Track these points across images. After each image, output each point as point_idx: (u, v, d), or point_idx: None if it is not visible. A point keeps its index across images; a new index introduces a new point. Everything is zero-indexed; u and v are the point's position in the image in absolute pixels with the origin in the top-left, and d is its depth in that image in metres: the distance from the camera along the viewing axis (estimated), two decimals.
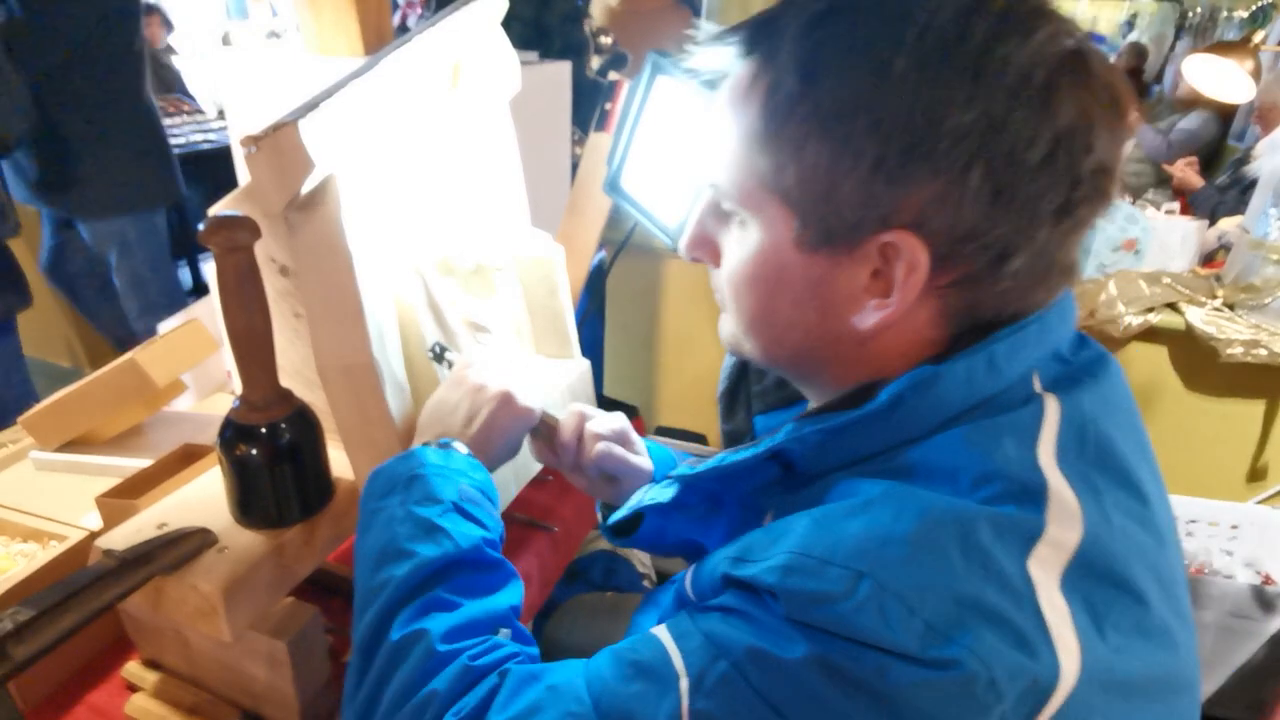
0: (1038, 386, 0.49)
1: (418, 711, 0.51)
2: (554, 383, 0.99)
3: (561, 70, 1.84)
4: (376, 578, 0.58)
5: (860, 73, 0.44)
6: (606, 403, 1.33)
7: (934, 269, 0.46)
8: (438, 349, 0.82)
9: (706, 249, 0.58)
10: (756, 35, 0.49)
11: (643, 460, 0.77)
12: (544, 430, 0.77)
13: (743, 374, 1.58)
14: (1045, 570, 0.42)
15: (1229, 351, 1.82)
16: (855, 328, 0.50)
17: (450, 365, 0.81)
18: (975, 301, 0.48)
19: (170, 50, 4.74)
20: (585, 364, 1.06)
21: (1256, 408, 1.97)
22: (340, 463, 0.80)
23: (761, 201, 0.50)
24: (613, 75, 1.32)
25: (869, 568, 0.40)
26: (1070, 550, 0.43)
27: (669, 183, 1.07)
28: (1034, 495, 0.44)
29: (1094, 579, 0.43)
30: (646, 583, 1.49)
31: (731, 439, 1.52)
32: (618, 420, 0.78)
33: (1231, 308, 1.92)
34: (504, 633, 0.58)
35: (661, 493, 0.61)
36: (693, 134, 1.01)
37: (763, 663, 0.41)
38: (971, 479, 0.44)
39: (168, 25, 4.68)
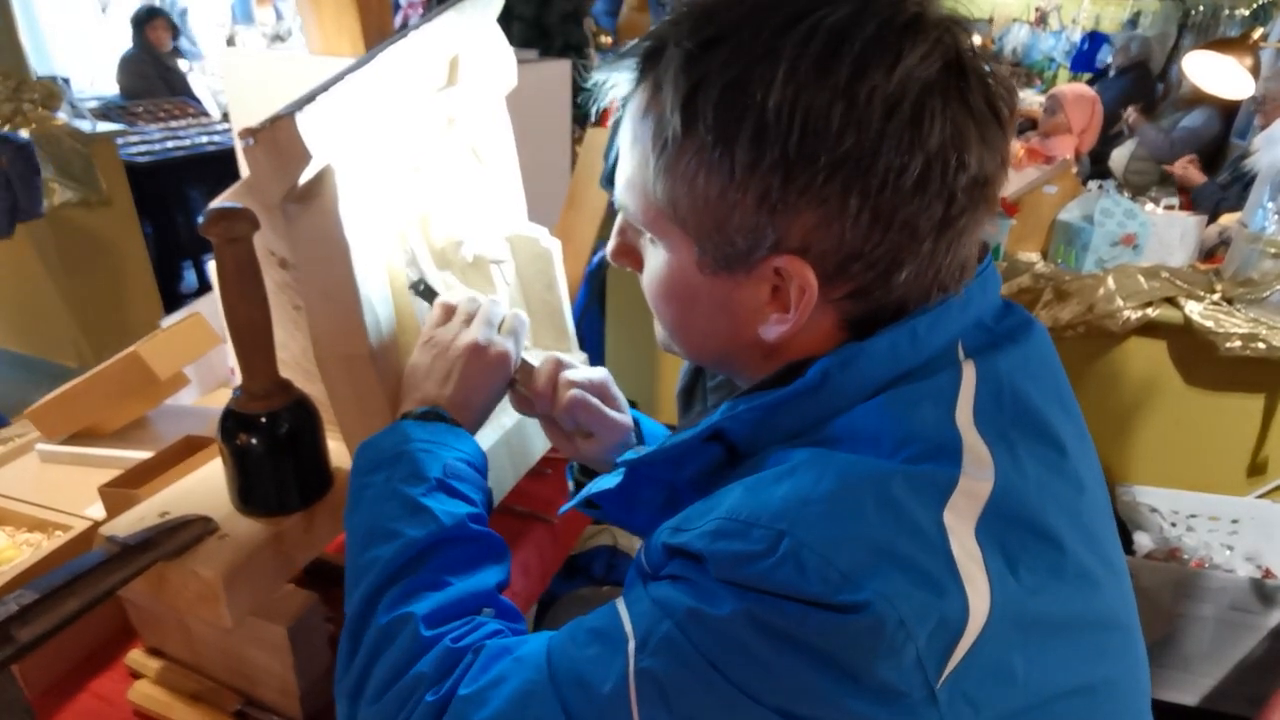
0: (961, 355, 0.51)
1: (405, 692, 0.53)
2: None
3: (561, 68, 1.85)
4: (364, 556, 0.60)
5: (737, 111, 0.45)
6: None
7: (825, 285, 0.49)
8: (421, 286, 0.80)
9: (629, 257, 0.61)
10: (645, 63, 0.50)
11: (621, 416, 0.75)
12: (520, 377, 0.75)
13: (699, 372, 1.59)
14: (960, 518, 0.44)
15: (1228, 345, 1.82)
16: (764, 338, 0.53)
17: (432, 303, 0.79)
18: (873, 306, 0.51)
19: (176, 54, 4.77)
20: (583, 357, 1.07)
21: (1256, 401, 1.97)
22: (339, 454, 0.81)
23: (664, 228, 0.53)
24: None
25: (789, 526, 0.43)
26: (983, 499, 0.45)
27: None
28: (950, 452, 0.46)
29: (1008, 525, 0.45)
30: None
31: None
32: (598, 373, 0.76)
33: (1230, 302, 1.92)
34: (487, 611, 0.59)
35: (610, 479, 0.62)
36: None
37: (699, 621, 0.43)
38: (893, 442, 0.47)
39: (173, 29, 4.71)
